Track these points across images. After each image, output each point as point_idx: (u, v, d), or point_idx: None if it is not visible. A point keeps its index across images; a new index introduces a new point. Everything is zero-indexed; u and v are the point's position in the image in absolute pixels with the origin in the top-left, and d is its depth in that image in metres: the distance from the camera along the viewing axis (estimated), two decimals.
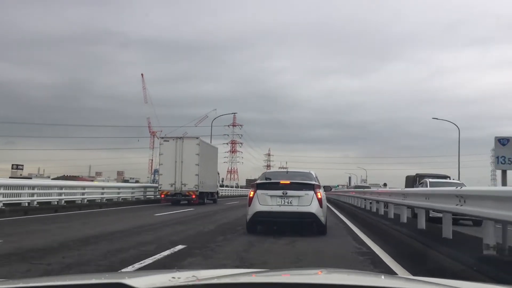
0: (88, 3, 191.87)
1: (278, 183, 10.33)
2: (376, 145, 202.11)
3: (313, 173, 11.54)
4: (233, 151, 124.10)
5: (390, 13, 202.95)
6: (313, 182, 10.45)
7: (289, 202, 9.98)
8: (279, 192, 10.03)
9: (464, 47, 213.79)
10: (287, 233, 9.91)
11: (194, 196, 25.29)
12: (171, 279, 1.65)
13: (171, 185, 25.40)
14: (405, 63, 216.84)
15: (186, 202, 25.49)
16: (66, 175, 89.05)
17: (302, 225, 10.23)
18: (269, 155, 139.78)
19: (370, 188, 37.12)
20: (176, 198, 25.44)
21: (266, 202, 10.04)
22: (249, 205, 10.25)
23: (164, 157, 25.78)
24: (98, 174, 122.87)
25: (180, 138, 26.28)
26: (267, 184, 10.58)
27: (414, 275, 5.21)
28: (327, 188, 12.46)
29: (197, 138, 26.68)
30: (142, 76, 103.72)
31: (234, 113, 77.80)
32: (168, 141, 26.12)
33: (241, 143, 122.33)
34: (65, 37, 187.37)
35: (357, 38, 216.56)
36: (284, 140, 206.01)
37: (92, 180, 67.64)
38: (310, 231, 10.16)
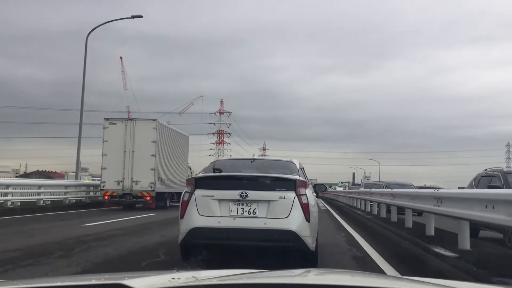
0: None
1: (233, 177, 6.30)
2: (375, 143, 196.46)
3: (296, 162, 7.40)
4: (219, 142, 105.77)
5: (390, 11, 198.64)
6: (295, 177, 6.32)
7: (251, 211, 6.00)
8: (235, 194, 6.00)
9: (464, 45, 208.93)
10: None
11: (148, 198, 18.90)
12: (170, 280, 1.65)
13: (118, 183, 18.95)
14: (405, 61, 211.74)
15: (142, 205, 19.32)
16: (40, 170, 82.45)
17: (274, 252, 6.46)
18: (264, 149, 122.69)
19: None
20: (124, 201, 19.05)
21: (211, 212, 6.01)
22: (181, 217, 6.16)
23: (109, 145, 19.23)
24: (84, 169, 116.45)
25: (131, 120, 19.79)
26: (214, 180, 6.33)
27: None
28: (320, 187, 8.24)
29: (154, 120, 20.02)
30: (121, 60, 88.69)
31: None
32: (116, 123, 19.50)
33: (229, 133, 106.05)
34: (60, 32, 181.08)
35: (356, 36, 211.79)
36: (281, 138, 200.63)
37: (63, 177, 61.43)
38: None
